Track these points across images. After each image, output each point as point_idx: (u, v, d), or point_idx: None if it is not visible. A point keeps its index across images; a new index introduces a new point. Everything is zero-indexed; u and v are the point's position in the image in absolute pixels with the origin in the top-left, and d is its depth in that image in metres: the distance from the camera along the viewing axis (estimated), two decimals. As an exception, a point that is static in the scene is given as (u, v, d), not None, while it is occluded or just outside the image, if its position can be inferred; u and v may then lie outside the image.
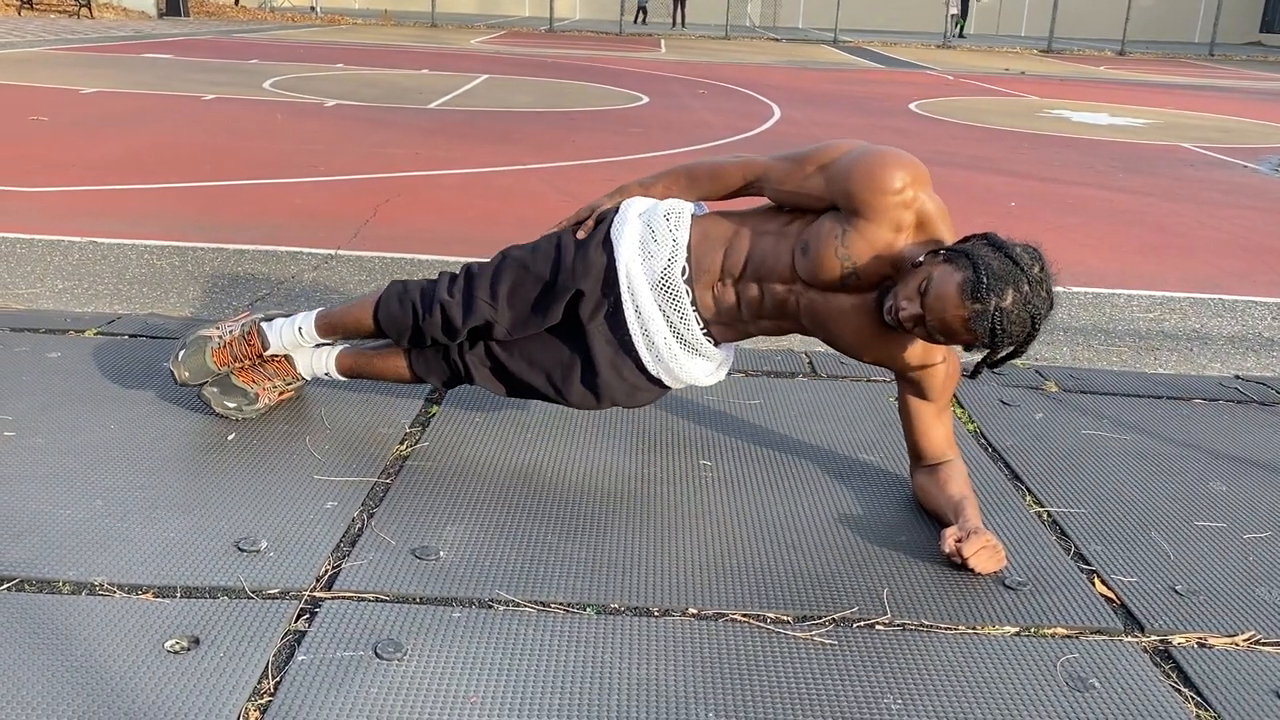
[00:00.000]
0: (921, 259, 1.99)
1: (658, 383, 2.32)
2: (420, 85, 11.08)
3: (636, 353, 2.26)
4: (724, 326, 2.27)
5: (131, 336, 3.08)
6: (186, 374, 2.45)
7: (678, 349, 2.25)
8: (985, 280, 1.86)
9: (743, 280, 2.20)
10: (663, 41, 22.69)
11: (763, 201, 2.28)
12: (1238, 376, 3.34)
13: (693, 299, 2.22)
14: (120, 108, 8.30)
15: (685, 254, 2.20)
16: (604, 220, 2.31)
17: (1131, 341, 3.73)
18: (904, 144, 8.38)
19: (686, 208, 2.27)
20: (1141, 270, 4.72)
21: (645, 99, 10.78)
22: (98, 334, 3.08)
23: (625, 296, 2.21)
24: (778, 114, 9.99)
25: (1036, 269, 1.90)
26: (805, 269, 2.11)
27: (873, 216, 2.03)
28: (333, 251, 4.35)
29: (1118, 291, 4.34)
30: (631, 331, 2.23)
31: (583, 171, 6.47)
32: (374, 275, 4.04)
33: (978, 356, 3.18)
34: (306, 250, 4.35)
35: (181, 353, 2.46)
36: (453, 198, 5.56)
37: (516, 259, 2.30)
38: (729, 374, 3.04)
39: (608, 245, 2.24)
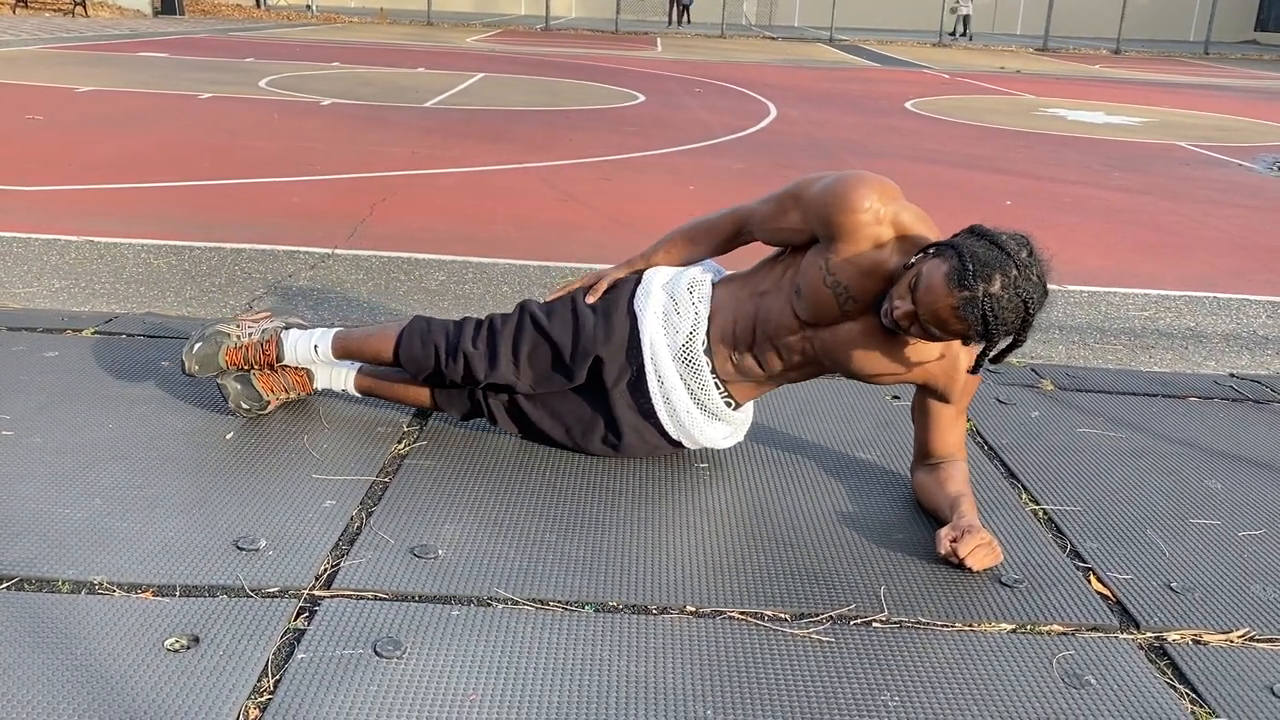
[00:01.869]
0: (912, 261, 2.01)
1: (677, 444, 2.39)
2: (416, 84, 11.08)
3: (658, 419, 2.32)
4: (748, 386, 2.32)
5: (129, 335, 3.08)
6: (196, 366, 2.46)
7: (699, 416, 2.32)
8: (971, 267, 1.87)
9: (756, 345, 2.26)
10: (659, 40, 22.69)
11: (763, 254, 2.32)
12: (1233, 374, 3.36)
13: (712, 368, 2.28)
14: (116, 107, 8.29)
15: (705, 325, 2.27)
16: (621, 287, 2.35)
17: (1127, 340, 3.75)
18: (900, 142, 8.40)
19: (707, 278, 2.32)
20: (1137, 269, 4.73)
21: (641, 98, 10.78)
22: (95, 333, 3.08)
23: (649, 366, 2.28)
24: (774, 113, 10.00)
25: (1024, 254, 1.91)
26: (804, 310, 2.16)
27: (849, 237, 2.07)
28: (330, 251, 4.36)
29: (1113, 290, 4.35)
30: (654, 400, 2.30)
31: (579, 170, 6.48)
32: (371, 274, 4.04)
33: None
34: (303, 249, 4.35)
35: (197, 345, 2.47)
36: (449, 197, 5.56)
37: (534, 320, 2.34)
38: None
39: (631, 314, 2.30)
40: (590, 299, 2.34)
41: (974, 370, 2.10)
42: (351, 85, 10.62)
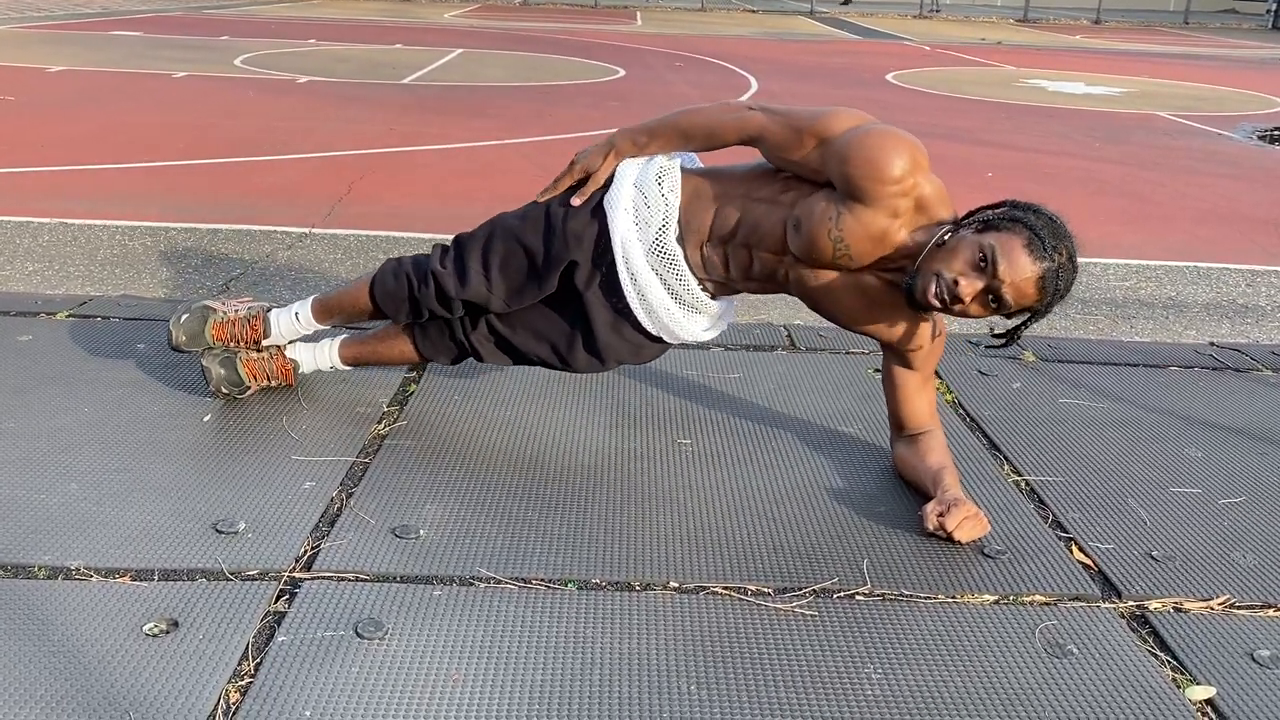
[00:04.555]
0: (946, 237, 1.98)
1: (659, 340, 2.32)
2: (394, 60, 10.96)
3: (634, 316, 2.25)
4: (714, 284, 2.27)
5: (104, 318, 3.04)
6: (183, 337, 2.45)
7: (676, 310, 2.24)
8: (1045, 238, 1.92)
9: (733, 243, 2.19)
10: (639, 14, 22.53)
11: (754, 155, 2.25)
12: (1213, 343, 3.37)
13: (685, 257, 2.21)
14: (89, 86, 8.17)
15: (677, 215, 2.19)
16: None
17: (1108, 310, 3.76)
18: (882, 116, 8.33)
19: (676, 164, 2.23)
20: (1118, 239, 4.74)
21: (622, 72, 10.71)
22: (70, 316, 3.04)
23: (620, 265, 2.20)
24: (755, 86, 9.95)
25: (1066, 226, 1.99)
26: (797, 245, 2.10)
27: (870, 203, 2.00)
28: (307, 230, 4.31)
29: (1095, 260, 4.35)
30: (628, 297, 2.22)
31: (560, 146, 6.43)
32: (349, 253, 4.01)
33: (977, 329, 3.19)
34: (280, 229, 4.30)
35: (184, 316, 2.46)
36: (428, 174, 5.51)
37: (507, 228, 2.28)
38: (707, 347, 3.03)
39: (599, 214, 2.22)
40: (577, 201, 2.24)
41: (1009, 343, 2.10)
42: (327, 62, 10.50)
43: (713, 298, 2.29)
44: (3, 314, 3.03)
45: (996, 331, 2.14)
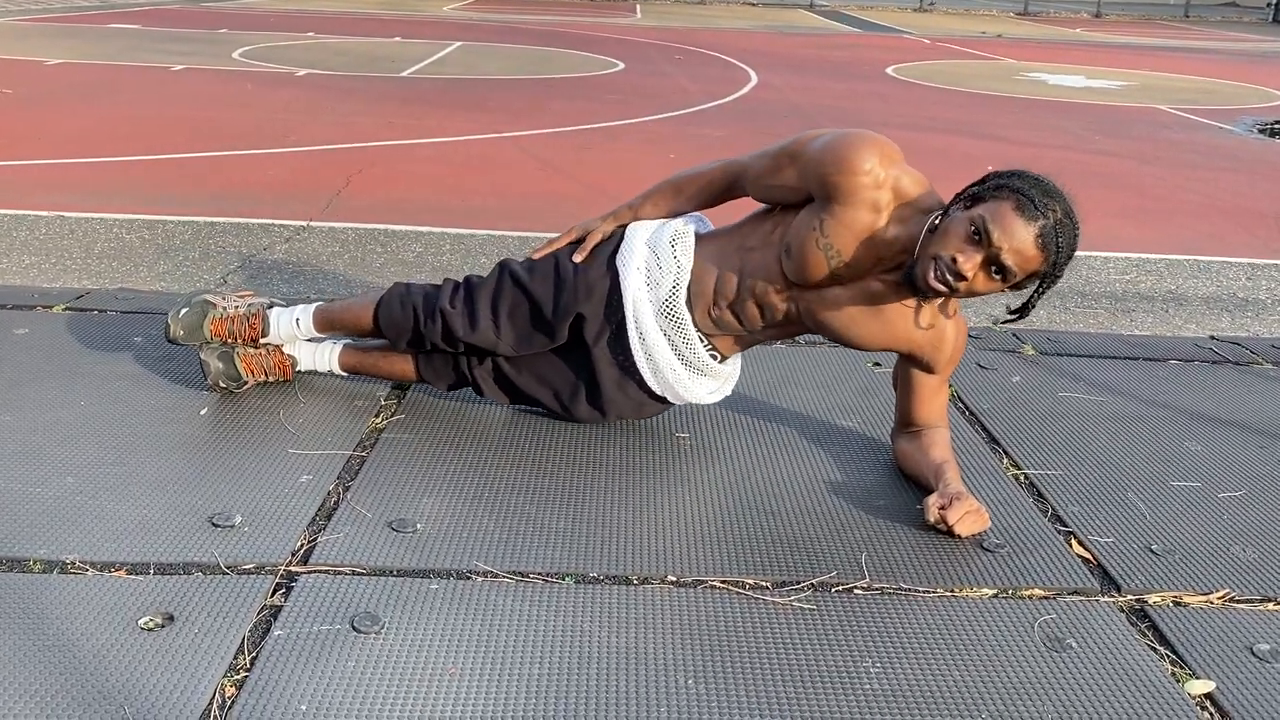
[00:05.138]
0: (937, 221, 1.98)
1: (663, 400, 2.35)
2: (392, 53, 10.94)
3: (640, 375, 2.28)
4: (730, 340, 2.30)
5: (101, 311, 3.03)
6: (181, 331, 2.44)
7: (682, 372, 2.28)
8: (1033, 197, 1.91)
9: (739, 301, 2.22)
10: (638, 7, 22.47)
11: (751, 209, 2.28)
12: (1213, 337, 3.36)
13: (694, 321, 2.25)
14: (87, 79, 8.15)
15: (688, 279, 2.23)
16: (604, 242, 2.31)
17: (1108, 304, 3.75)
18: (882, 109, 8.36)
19: (690, 229, 2.28)
20: (1118, 232, 4.73)
21: (621, 65, 10.68)
22: (66, 309, 3.03)
23: (630, 322, 2.24)
24: (755, 79, 9.93)
25: (1050, 182, 1.97)
26: (793, 270, 2.12)
27: (847, 200, 2.02)
28: (305, 223, 4.30)
29: (1094, 254, 4.34)
30: (635, 355, 2.26)
31: (558, 139, 6.42)
32: (347, 246, 4.00)
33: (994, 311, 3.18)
34: (278, 222, 4.29)
35: (183, 310, 2.45)
36: (427, 167, 5.50)
37: (515, 278, 2.30)
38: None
39: (612, 269, 2.25)
40: (578, 258, 2.28)
41: (1023, 315, 2.07)
42: (326, 55, 10.48)
43: (721, 361, 2.32)
44: (-1, 307, 3.02)
45: (1012, 307, 2.10)
